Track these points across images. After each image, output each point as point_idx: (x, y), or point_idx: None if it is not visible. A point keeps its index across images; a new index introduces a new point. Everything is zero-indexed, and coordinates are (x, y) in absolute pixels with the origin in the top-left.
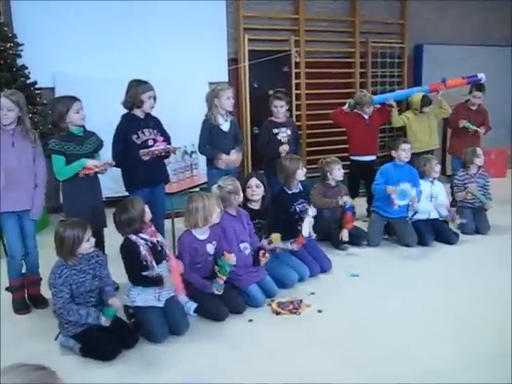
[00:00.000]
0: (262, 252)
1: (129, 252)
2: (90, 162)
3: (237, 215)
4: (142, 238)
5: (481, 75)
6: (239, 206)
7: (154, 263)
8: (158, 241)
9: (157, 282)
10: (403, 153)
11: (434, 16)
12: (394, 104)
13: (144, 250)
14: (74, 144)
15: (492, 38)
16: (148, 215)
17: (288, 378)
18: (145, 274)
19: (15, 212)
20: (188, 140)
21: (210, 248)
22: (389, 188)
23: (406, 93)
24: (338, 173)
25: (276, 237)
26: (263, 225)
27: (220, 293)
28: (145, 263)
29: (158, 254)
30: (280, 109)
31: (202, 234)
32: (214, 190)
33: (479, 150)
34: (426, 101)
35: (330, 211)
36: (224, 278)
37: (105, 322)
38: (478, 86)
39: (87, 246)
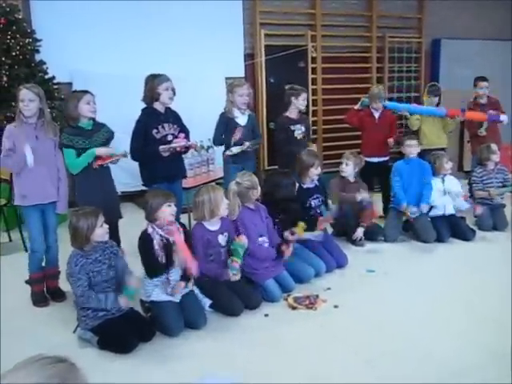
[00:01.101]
0: (285, 245)
1: (144, 244)
2: (99, 150)
3: (255, 209)
4: (158, 234)
5: (503, 117)
6: (257, 200)
7: (163, 259)
8: (174, 240)
9: (168, 264)
10: (408, 149)
11: (451, 10)
12: (409, 115)
13: (157, 245)
14: (82, 138)
15: (510, 32)
16: (168, 213)
17: (303, 373)
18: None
19: (39, 205)
20: (204, 135)
21: (222, 239)
22: (404, 209)
23: (420, 109)
24: (344, 168)
25: (300, 226)
26: (283, 219)
27: (237, 278)
28: (156, 256)
29: (171, 252)
30: (305, 102)
31: (213, 225)
32: (231, 186)
33: (494, 146)
34: (432, 89)
35: (348, 206)
36: (239, 261)
37: (124, 302)
38: (481, 77)
39: (101, 231)
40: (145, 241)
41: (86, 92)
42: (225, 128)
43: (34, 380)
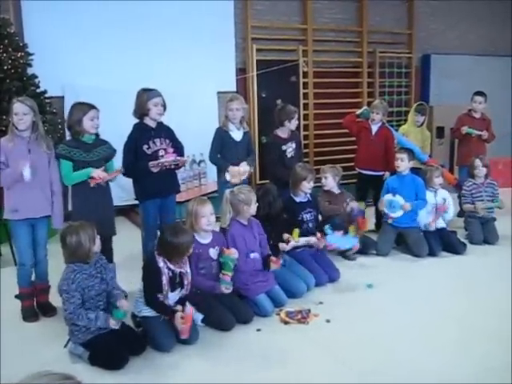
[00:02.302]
0: (273, 258)
1: (151, 274)
2: (95, 173)
3: (247, 225)
4: (167, 267)
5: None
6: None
7: (168, 294)
8: (181, 272)
9: (168, 314)
10: (395, 162)
11: (441, 26)
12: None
13: (165, 280)
14: (80, 151)
15: (499, 48)
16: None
17: None
18: (159, 297)
19: (28, 219)
20: (196, 149)
21: (213, 253)
22: (379, 204)
23: (408, 144)
24: (324, 181)
25: (295, 232)
26: (274, 233)
27: (229, 290)
28: (161, 290)
29: (174, 283)
30: (296, 122)
31: (204, 238)
32: (226, 193)
33: (477, 162)
34: (419, 108)
35: (339, 220)
36: (229, 274)
37: (114, 324)
38: (478, 92)
39: (98, 243)
40: (153, 273)
41: (91, 107)
42: (221, 142)
43: None
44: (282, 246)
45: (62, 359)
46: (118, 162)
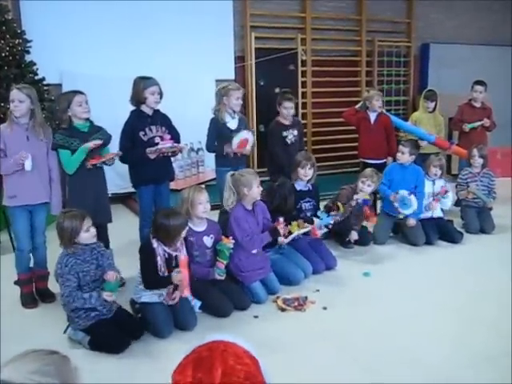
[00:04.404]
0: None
1: (147, 257)
2: (91, 143)
3: (251, 210)
4: (162, 249)
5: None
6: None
7: (166, 273)
8: (176, 255)
9: (166, 282)
10: (398, 154)
11: (440, 15)
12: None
13: (160, 261)
14: (78, 140)
15: (499, 37)
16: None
17: (293, 374)
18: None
19: (26, 206)
20: (194, 137)
21: (208, 241)
22: (391, 196)
23: (412, 129)
24: (365, 188)
25: (294, 225)
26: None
27: (222, 278)
28: (158, 271)
29: (171, 266)
30: (290, 110)
31: (198, 226)
32: (227, 177)
33: (474, 151)
34: (429, 94)
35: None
36: (224, 262)
37: (107, 295)
38: (479, 81)
39: (86, 235)
40: (148, 254)
41: (76, 92)
42: (217, 134)
43: (31, 368)
44: (280, 240)
45: (61, 344)
46: (114, 148)
